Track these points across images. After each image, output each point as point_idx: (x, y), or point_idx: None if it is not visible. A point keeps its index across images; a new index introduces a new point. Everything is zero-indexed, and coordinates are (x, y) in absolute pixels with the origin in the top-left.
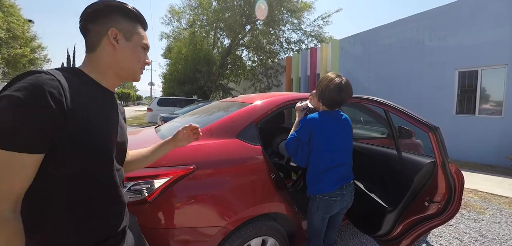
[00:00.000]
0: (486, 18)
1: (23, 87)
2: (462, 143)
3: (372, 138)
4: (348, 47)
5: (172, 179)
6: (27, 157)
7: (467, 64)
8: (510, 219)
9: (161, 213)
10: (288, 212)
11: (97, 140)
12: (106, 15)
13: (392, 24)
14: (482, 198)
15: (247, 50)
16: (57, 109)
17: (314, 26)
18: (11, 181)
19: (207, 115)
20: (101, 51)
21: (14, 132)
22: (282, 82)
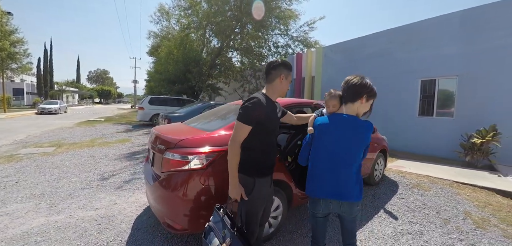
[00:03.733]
0: (442, 37)
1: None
2: (424, 140)
3: None
4: (330, 55)
5: (217, 154)
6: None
7: (427, 74)
8: (448, 194)
9: (212, 176)
10: (288, 180)
11: (271, 123)
12: (280, 67)
13: (368, 37)
14: (430, 180)
15: (236, 52)
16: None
17: (300, 31)
18: (242, 135)
19: (228, 113)
20: (275, 84)
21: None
22: None
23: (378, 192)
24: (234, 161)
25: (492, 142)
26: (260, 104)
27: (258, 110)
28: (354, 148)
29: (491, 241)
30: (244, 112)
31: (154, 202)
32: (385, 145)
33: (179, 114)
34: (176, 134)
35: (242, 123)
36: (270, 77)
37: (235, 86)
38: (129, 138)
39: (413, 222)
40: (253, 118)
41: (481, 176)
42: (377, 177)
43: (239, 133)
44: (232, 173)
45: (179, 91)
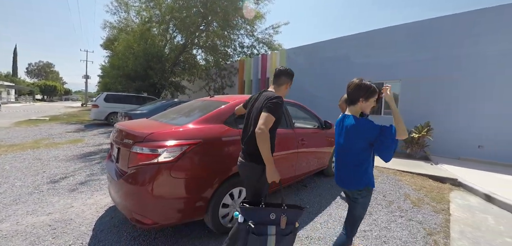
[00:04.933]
0: (390, 45)
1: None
2: None
3: (309, 128)
4: (294, 56)
5: (188, 147)
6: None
7: (378, 78)
8: (392, 181)
9: (182, 168)
10: None
11: (281, 119)
12: (290, 75)
13: (328, 41)
14: (379, 170)
15: (201, 50)
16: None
17: (265, 34)
18: (270, 125)
19: (198, 109)
20: (282, 89)
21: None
22: (235, 83)
23: (334, 184)
24: (268, 147)
25: (427, 136)
26: (283, 102)
27: (282, 106)
28: (349, 142)
29: (424, 216)
30: (274, 106)
31: (121, 199)
32: None
33: (141, 112)
34: (144, 128)
35: (272, 115)
36: (280, 81)
37: (200, 85)
38: (82, 138)
39: None
40: (279, 113)
41: (418, 165)
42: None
43: (269, 122)
44: (268, 158)
45: (139, 88)
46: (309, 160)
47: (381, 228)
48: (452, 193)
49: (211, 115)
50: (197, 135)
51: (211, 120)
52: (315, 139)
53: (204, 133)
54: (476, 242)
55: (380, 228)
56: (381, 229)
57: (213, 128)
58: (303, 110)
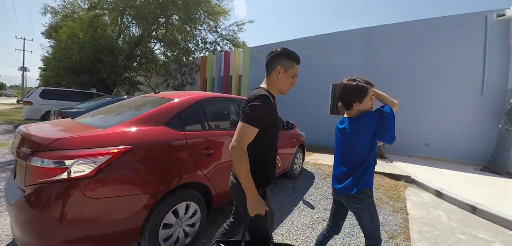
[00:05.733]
0: (347, 48)
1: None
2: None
3: None
4: (257, 55)
5: (112, 157)
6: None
7: (336, 79)
8: None
9: (104, 185)
10: (206, 180)
11: (276, 122)
12: (278, 57)
13: (291, 41)
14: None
15: (160, 44)
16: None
17: (229, 30)
18: (248, 139)
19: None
20: (271, 79)
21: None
22: (196, 81)
23: (298, 184)
24: (244, 170)
25: None
26: (269, 102)
27: (267, 109)
28: (351, 143)
29: (384, 217)
30: (252, 112)
31: (17, 230)
32: (303, 140)
33: (78, 110)
34: (51, 132)
35: (249, 124)
36: (268, 68)
37: (157, 82)
38: (6, 142)
39: (327, 209)
40: (261, 120)
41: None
42: (296, 170)
43: (245, 136)
44: (247, 184)
45: (85, 83)
46: None
47: (344, 234)
48: (407, 190)
49: (147, 116)
50: (125, 140)
51: (148, 121)
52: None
53: (136, 137)
54: (435, 242)
55: (344, 234)
56: (345, 236)
57: (150, 131)
58: None
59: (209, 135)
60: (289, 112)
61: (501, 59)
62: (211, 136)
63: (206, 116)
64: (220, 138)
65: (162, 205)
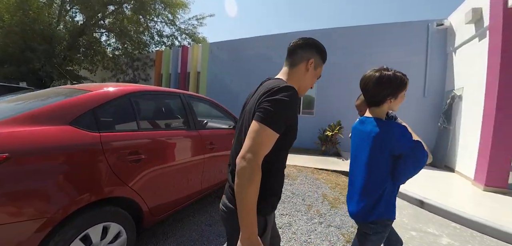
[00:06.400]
0: None
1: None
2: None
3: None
4: (216, 51)
5: None
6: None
7: None
8: (310, 180)
9: None
10: (134, 196)
11: (297, 127)
12: (312, 48)
13: (252, 39)
14: (298, 169)
15: (108, 34)
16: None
17: (189, 24)
18: (267, 149)
19: (35, 100)
20: (299, 70)
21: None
22: (151, 77)
23: None
24: (253, 195)
25: (338, 134)
26: (296, 99)
27: (294, 108)
28: (374, 156)
29: (342, 218)
30: (276, 109)
31: None
32: None
33: None
34: None
35: (270, 127)
36: (295, 58)
37: (105, 76)
38: None
39: (283, 214)
40: (285, 121)
41: (332, 162)
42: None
43: (263, 144)
44: (248, 216)
45: (11, 75)
46: (221, 167)
47: (301, 242)
48: None
49: (42, 112)
50: (6, 141)
51: (42, 119)
52: (229, 140)
53: (18, 141)
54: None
55: (301, 242)
56: (301, 244)
57: (44, 132)
58: (216, 107)
59: (139, 136)
60: None
61: (440, 64)
62: (142, 137)
63: (137, 114)
64: (155, 140)
65: (62, 232)
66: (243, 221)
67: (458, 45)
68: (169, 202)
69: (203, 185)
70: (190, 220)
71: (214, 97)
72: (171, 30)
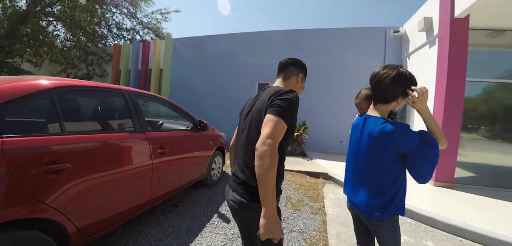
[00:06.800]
0: (272, 47)
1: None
2: None
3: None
4: (181, 48)
5: None
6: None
7: (263, 79)
8: None
9: None
10: (54, 216)
11: (295, 124)
12: (299, 66)
13: (218, 36)
14: None
15: (56, 23)
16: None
17: (152, 18)
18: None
19: None
20: (291, 82)
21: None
22: (107, 73)
23: (215, 192)
24: (273, 177)
25: (303, 134)
26: (298, 101)
27: (297, 108)
28: (376, 154)
29: (304, 221)
30: (288, 106)
31: None
32: (222, 142)
33: None
34: None
35: (283, 119)
36: (287, 73)
37: (53, 71)
38: None
39: None
40: (292, 117)
41: (297, 162)
42: (214, 176)
43: (280, 133)
44: (271, 197)
45: None
46: (176, 172)
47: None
48: (325, 187)
49: None
50: None
51: None
52: (186, 143)
53: None
54: (351, 244)
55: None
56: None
57: None
58: (171, 107)
59: (62, 141)
60: (213, 111)
61: None
62: (67, 143)
63: (62, 114)
64: (86, 145)
65: None
66: (266, 198)
67: (412, 51)
68: (106, 218)
69: (153, 194)
70: (138, 233)
71: (178, 96)
72: (132, 24)
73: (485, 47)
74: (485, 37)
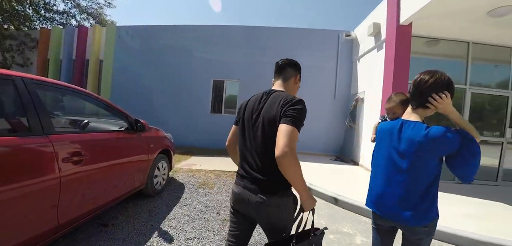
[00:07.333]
0: (230, 43)
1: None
2: (215, 135)
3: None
4: (126, 37)
5: None
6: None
7: (218, 76)
8: (228, 187)
9: None
10: None
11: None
12: (296, 67)
13: (171, 27)
14: (216, 175)
15: None
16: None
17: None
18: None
19: None
20: (290, 83)
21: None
22: (32, 62)
23: (157, 204)
24: (300, 171)
25: None
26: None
27: (305, 115)
28: (419, 161)
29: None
30: (300, 116)
31: None
32: (168, 144)
33: None
34: None
35: (297, 128)
36: (286, 74)
37: None
38: None
39: (190, 239)
40: (303, 124)
41: None
42: (158, 184)
43: (295, 140)
44: (302, 183)
45: None
46: (103, 184)
47: None
48: None
49: None
50: None
51: None
52: (117, 147)
53: None
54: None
55: None
56: None
57: None
58: (96, 103)
59: None
60: (166, 111)
61: (347, 70)
62: None
63: None
64: None
65: None
66: (301, 186)
67: (362, 54)
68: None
69: (63, 218)
70: None
71: (122, 92)
72: (66, 6)
73: (423, 55)
74: (423, 45)
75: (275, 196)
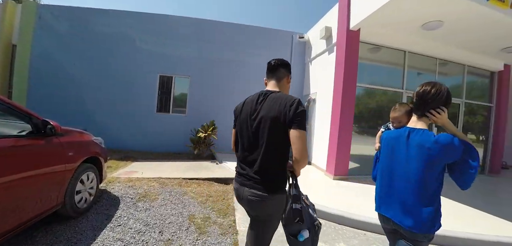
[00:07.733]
0: (177, 35)
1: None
2: (162, 137)
3: (4, 136)
4: (50, 18)
5: None
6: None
7: (166, 71)
8: (175, 198)
9: None
10: None
11: None
12: (288, 67)
13: (110, 11)
14: (161, 184)
15: None
16: None
17: None
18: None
19: None
20: (283, 83)
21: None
22: None
23: (82, 228)
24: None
25: (212, 135)
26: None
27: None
28: (428, 169)
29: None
30: (304, 120)
31: None
32: (97, 150)
33: None
34: None
35: (305, 130)
36: (279, 74)
37: None
38: None
39: None
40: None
41: (205, 167)
42: (83, 201)
43: (306, 141)
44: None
45: None
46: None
47: None
48: None
49: None
50: None
51: None
52: (12, 157)
53: None
54: None
55: None
56: None
57: None
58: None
59: None
60: (100, 109)
61: (300, 71)
62: None
63: None
64: None
65: None
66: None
67: (314, 57)
68: None
69: None
70: None
71: (43, 84)
72: None
73: (367, 61)
74: (367, 52)
75: (271, 192)
